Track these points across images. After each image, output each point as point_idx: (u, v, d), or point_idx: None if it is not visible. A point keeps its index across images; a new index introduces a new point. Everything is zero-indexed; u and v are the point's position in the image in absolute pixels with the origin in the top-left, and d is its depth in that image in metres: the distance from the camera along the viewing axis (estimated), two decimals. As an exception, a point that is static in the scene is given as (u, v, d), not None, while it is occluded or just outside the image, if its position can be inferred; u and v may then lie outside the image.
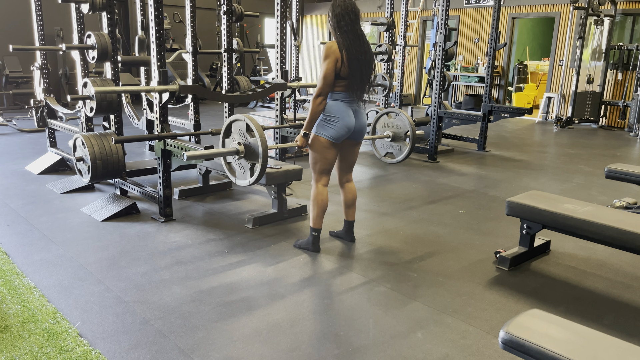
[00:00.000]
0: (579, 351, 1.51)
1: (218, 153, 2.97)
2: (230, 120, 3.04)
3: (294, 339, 2.40)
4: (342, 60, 3.02)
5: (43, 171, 5.22)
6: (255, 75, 12.11)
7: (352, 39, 3.05)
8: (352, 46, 3.04)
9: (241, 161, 3.03)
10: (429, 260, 3.35)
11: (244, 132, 2.97)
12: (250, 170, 3.01)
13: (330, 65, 3.01)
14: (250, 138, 2.93)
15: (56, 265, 3.13)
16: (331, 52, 3.01)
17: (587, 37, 9.25)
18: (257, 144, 2.88)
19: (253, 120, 2.91)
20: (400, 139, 3.72)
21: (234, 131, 3.04)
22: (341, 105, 3.12)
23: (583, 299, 2.91)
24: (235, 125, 3.02)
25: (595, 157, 6.81)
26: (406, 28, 7.35)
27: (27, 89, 9.49)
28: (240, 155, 3.01)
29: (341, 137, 3.17)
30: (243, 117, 2.95)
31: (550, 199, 3.27)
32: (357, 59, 3.06)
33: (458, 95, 11.75)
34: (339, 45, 3.03)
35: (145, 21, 5.72)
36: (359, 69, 3.08)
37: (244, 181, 3.06)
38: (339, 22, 3.05)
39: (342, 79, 3.07)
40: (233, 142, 3.03)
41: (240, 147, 2.99)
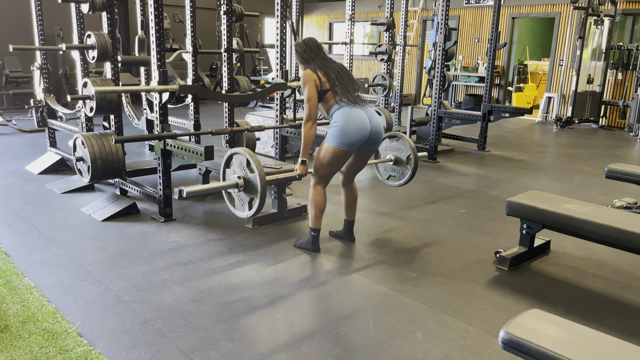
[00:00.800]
0: (579, 351, 1.51)
1: (218, 187, 3.02)
2: (232, 152, 3.08)
3: (293, 339, 2.40)
4: (319, 78, 3.15)
5: (43, 171, 5.22)
6: (255, 75, 12.11)
7: (321, 59, 3.23)
8: (322, 63, 3.22)
9: (240, 194, 3.06)
10: (429, 261, 3.35)
11: (244, 166, 3.00)
12: (248, 203, 3.05)
13: (310, 89, 3.14)
14: (250, 173, 2.96)
15: (56, 265, 3.13)
16: (307, 77, 3.16)
17: (587, 37, 9.25)
18: (256, 181, 2.92)
19: (253, 156, 2.95)
20: (402, 163, 3.79)
21: (234, 163, 3.08)
22: (345, 109, 3.14)
23: (583, 299, 2.91)
24: (236, 158, 3.06)
25: (595, 157, 6.81)
26: (406, 28, 7.35)
27: (27, 88, 9.49)
28: (239, 189, 3.03)
29: (355, 144, 3.15)
30: (244, 152, 2.98)
31: (550, 199, 3.28)
32: (332, 69, 3.21)
33: (458, 95, 11.75)
34: (311, 69, 3.18)
35: (145, 21, 5.72)
36: (338, 75, 3.20)
37: (242, 213, 3.11)
38: (303, 55, 3.25)
39: (329, 90, 3.16)
40: (233, 175, 3.07)
41: (240, 180, 3.03)
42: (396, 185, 3.93)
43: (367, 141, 3.20)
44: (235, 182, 3.02)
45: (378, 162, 3.93)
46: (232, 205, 3.17)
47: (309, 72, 3.16)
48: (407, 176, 3.83)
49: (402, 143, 3.83)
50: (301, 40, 3.31)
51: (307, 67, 3.23)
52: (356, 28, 13.89)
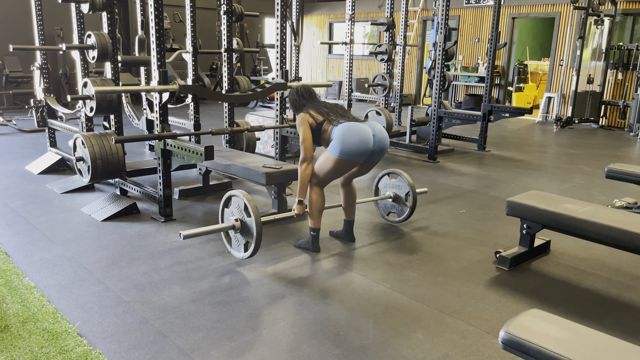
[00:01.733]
0: (579, 351, 1.51)
1: (216, 230, 3.09)
2: (230, 195, 3.14)
3: (294, 339, 2.40)
4: (312, 117, 3.24)
5: (43, 171, 5.22)
6: (255, 75, 12.11)
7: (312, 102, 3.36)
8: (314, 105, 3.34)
9: (237, 235, 3.12)
10: (429, 261, 3.35)
11: (242, 209, 3.04)
12: (244, 246, 3.11)
13: (305, 129, 3.23)
14: (247, 217, 3.01)
15: (56, 265, 3.13)
16: (301, 120, 3.28)
17: (587, 37, 9.25)
18: (252, 225, 2.98)
19: (251, 201, 3.00)
20: (401, 200, 3.85)
21: (232, 204, 3.13)
22: (345, 125, 3.17)
23: (583, 299, 2.91)
24: (235, 200, 3.12)
25: (595, 157, 6.81)
26: (406, 28, 7.35)
27: (27, 88, 9.49)
28: (236, 231, 3.09)
29: (359, 156, 3.17)
30: (242, 196, 3.02)
31: (550, 199, 3.28)
32: (323, 106, 3.32)
33: (458, 95, 11.75)
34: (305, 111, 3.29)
35: (145, 21, 5.72)
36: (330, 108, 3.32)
37: (238, 254, 3.19)
38: (297, 105, 3.38)
39: (323, 121, 3.24)
40: (231, 216, 3.14)
41: (237, 222, 3.09)
42: (396, 221, 4.00)
43: (370, 154, 3.22)
44: (233, 225, 3.10)
45: (377, 199, 4.00)
46: (229, 244, 3.25)
47: (302, 115, 3.28)
48: (406, 213, 3.92)
49: (400, 180, 3.90)
50: (293, 88, 3.45)
51: (299, 113, 3.34)
52: (356, 28, 13.89)
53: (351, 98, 6.42)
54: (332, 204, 3.70)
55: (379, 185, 4.07)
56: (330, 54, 14.04)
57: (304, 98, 3.38)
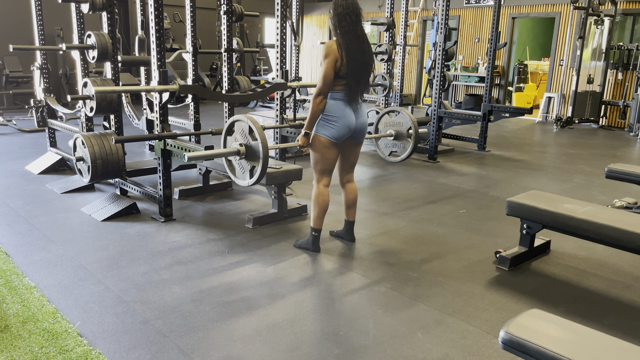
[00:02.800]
0: (579, 351, 1.51)
1: (219, 153, 2.97)
2: (233, 119, 3.03)
3: (294, 339, 2.40)
4: (341, 60, 3.04)
5: (43, 171, 5.22)
6: (255, 75, 12.11)
7: (352, 39, 3.08)
8: (351, 47, 3.07)
9: (242, 162, 3.03)
10: (429, 261, 3.35)
11: (246, 134, 2.97)
12: (250, 171, 3.02)
13: (329, 65, 3.03)
14: (252, 140, 2.93)
15: (56, 265, 3.13)
16: (331, 51, 3.04)
17: (587, 37, 9.24)
18: (259, 147, 2.88)
19: (255, 122, 2.90)
20: (403, 137, 3.76)
21: (236, 131, 3.05)
22: (340, 104, 3.13)
23: (583, 299, 2.91)
24: (238, 125, 3.02)
25: (595, 157, 6.81)
26: (406, 28, 7.35)
27: (27, 88, 9.49)
28: (241, 156, 3.00)
29: (342, 137, 3.17)
30: (245, 119, 2.95)
31: (550, 199, 3.27)
32: (355, 60, 3.08)
33: (458, 95, 11.75)
34: (338, 45, 3.05)
35: (145, 21, 5.72)
36: (357, 70, 3.10)
37: (243, 181, 3.06)
38: (340, 22, 3.07)
39: (341, 77, 3.09)
40: (235, 142, 3.02)
41: (241, 148, 2.99)
42: (398, 160, 3.88)
43: (352, 134, 3.22)
44: (237, 150, 2.98)
45: (378, 136, 3.88)
46: (232, 173, 3.12)
47: (334, 47, 3.02)
48: (409, 149, 3.77)
49: (401, 117, 3.79)
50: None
51: (337, 36, 3.08)
52: (356, 28, 13.85)
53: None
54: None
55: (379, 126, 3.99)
56: (330, 54, 14.01)
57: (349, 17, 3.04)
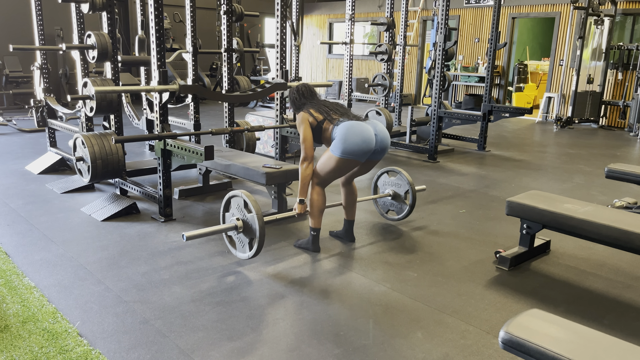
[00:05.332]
0: (579, 351, 1.51)
1: (218, 230, 3.06)
2: (229, 195, 3.13)
3: (294, 339, 2.40)
4: (312, 116, 3.24)
5: (43, 171, 5.22)
6: (255, 75, 12.10)
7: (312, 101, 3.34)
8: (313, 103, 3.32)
9: (240, 236, 3.10)
10: (429, 260, 3.35)
11: (242, 208, 3.03)
12: (249, 244, 3.09)
13: (305, 129, 3.23)
14: (248, 214, 2.99)
15: (56, 265, 3.13)
16: (301, 119, 3.28)
17: (587, 37, 9.24)
18: (254, 221, 2.96)
19: (250, 197, 2.99)
20: (400, 198, 3.85)
21: (232, 206, 3.13)
22: (344, 123, 3.17)
23: (583, 299, 2.91)
24: (234, 200, 3.12)
25: (595, 157, 6.81)
26: (406, 28, 7.35)
27: (27, 88, 9.49)
28: (239, 231, 3.07)
29: (361, 154, 3.16)
30: (241, 194, 3.02)
31: (550, 199, 3.27)
32: (324, 105, 3.31)
33: (458, 95, 11.75)
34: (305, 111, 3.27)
35: (145, 21, 5.72)
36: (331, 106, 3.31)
37: (243, 255, 3.15)
38: (297, 104, 3.36)
39: (324, 120, 3.23)
40: (232, 217, 3.12)
41: (238, 222, 3.07)
42: (395, 219, 4.00)
43: (372, 153, 3.23)
44: (235, 225, 3.08)
45: (377, 197, 4.00)
46: (233, 247, 3.23)
47: (302, 114, 3.29)
48: (405, 211, 3.92)
49: (400, 178, 3.90)
50: (294, 87, 3.43)
51: (299, 112, 3.33)
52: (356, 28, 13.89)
53: (351, 98, 6.42)
54: (332, 203, 3.70)
55: (377, 183, 4.07)
56: (330, 54, 14.04)
57: (304, 97, 3.36)
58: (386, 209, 4.07)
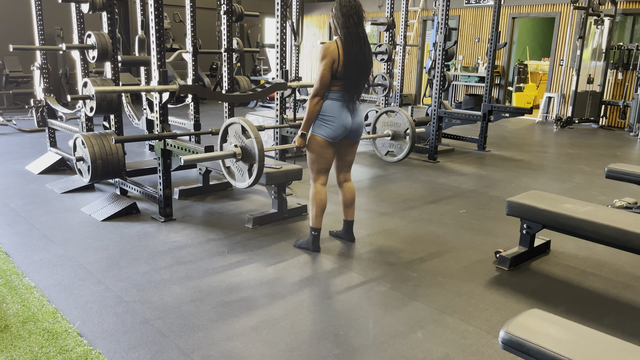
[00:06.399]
0: (579, 351, 1.51)
1: (215, 156, 2.97)
2: (227, 123, 3.05)
3: (294, 339, 2.40)
4: (338, 62, 3.03)
5: (43, 171, 5.22)
6: (255, 75, 12.10)
7: (353, 41, 3.06)
8: (351, 49, 3.05)
9: (239, 164, 3.03)
10: (429, 260, 3.35)
11: (240, 135, 2.98)
12: (248, 171, 3.02)
13: (326, 67, 3.03)
14: (246, 139, 2.94)
15: (56, 265, 3.13)
16: (328, 52, 3.03)
17: (587, 37, 9.24)
18: (253, 145, 2.89)
19: (248, 121, 2.91)
20: (400, 137, 3.75)
21: (230, 134, 3.05)
22: (337, 104, 3.12)
23: (583, 299, 2.91)
24: (231, 128, 3.03)
25: (595, 157, 6.81)
26: (406, 28, 7.35)
27: (27, 88, 9.49)
28: (237, 158, 3.00)
29: (338, 136, 3.17)
30: (238, 120, 2.96)
31: (550, 198, 3.27)
32: (354, 62, 3.07)
33: (458, 95, 11.75)
34: (337, 46, 3.05)
35: (145, 21, 5.72)
36: (355, 71, 3.09)
37: (243, 183, 3.06)
38: (345, 22, 3.05)
39: (339, 79, 3.08)
40: (230, 146, 3.03)
41: (237, 149, 2.99)
42: (394, 160, 3.87)
43: (348, 133, 3.21)
44: (233, 152, 2.98)
45: (375, 137, 3.88)
46: (232, 178, 3.13)
47: (333, 48, 3.02)
48: (405, 150, 3.78)
49: (399, 117, 3.78)
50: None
51: (338, 35, 3.09)
52: (356, 28, 13.84)
53: (351, 98, 6.40)
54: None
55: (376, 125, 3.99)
56: (330, 54, 14.01)
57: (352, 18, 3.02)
58: (385, 150, 3.98)
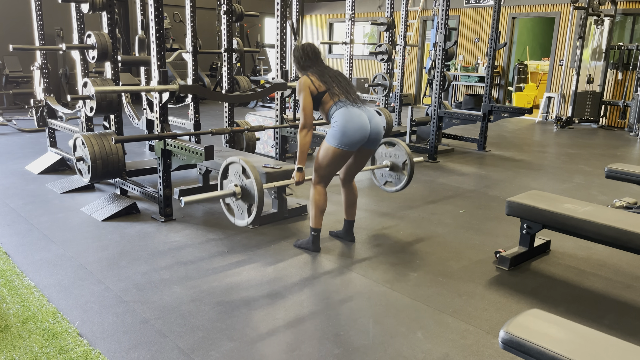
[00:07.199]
0: (579, 351, 1.51)
1: (216, 196, 3.04)
2: (227, 162, 3.10)
3: (294, 339, 2.40)
4: (314, 84, 3.16)
5: (43, 171, 5.22)
6: (255, 75, 12.10)
7: (317, 67, 3.24)
8: (323, 70, 3.23)
9: (239, 202, 3.07)
10: (429, 260, 3.35)
11: (240, 174, 3.01)
12: (247, 210, 3.07)
13: (306, 96, 3.15)
14: (246, 180, 2.97)
15: (56, 265, 3.13)
16: (303, 84, 3.17)
17: (587, 37, 9.24)
18: (253, 186, 2.93)
19: (248, 162, 2.96)
20: (398, 169, 3.82)
21: (230, 172, 3.10)
22: (345, 110, 3.13)
23: (583, 299, 2.91)
24: (232, 167, 3.08)
25: (595, 157, 6.81)
26: (406, 28, 7.35)
27: (27, 88, 9.49)
28: (237, 197, 3.04)
29: (355, 144, 3.15)
30: (238, 160, 2.99)
31: (550, 198, 3.27)
32: (330, 75, 3.22)
33: (458, 95, 11.75)
34: (308, 76, 3.19)
35: (145, 21, 5.72)
36: (334, 77, 3.22)
37: (242, 221, 3.12)
38: (302, 64, 3.27)
39: (325, 92, 3.17)
40: (230, 184, 3.08)
41: (237, 188, 3.03)
42: (393, 190, 3.97)
43: (367, 141, 3.20)
44: (233, 191, 3.04)
45: (374, 168, 3.97)
46: (231, 215, 3.20)
47: (303, 79, 3.19)
48: (403, 182, 3.89)
49: (398, 149, 3.88)
50: (300, 45, 3.32)
51: (303, 73, 3.26)
52: (356, 28, 13.88)
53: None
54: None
55: (375, 155, 4.04)
56: (330, 53, 14.04)
57: (309, 58, 3.25)
58: (384, 180, 4.03)
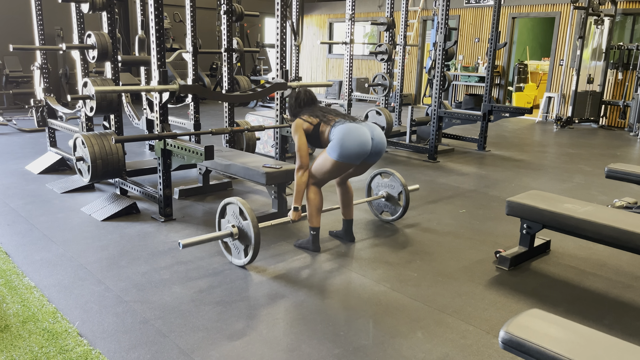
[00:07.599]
0: (579, 351, 1.51)
1: (214, 237, 3.09)
2: (225, 202, 3.15)
3: (294, 339, 2.40)
4: (306, 122, 3.22)
5: (43, 171, 5.22)
6: (255, 75, 12.10)
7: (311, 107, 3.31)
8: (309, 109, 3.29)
9: (236, 242, 3.12)
10: (429, 260, 3.35)
11: (237, 215, 3.04)
12: (244, 251, 3.12)
13: (300, 136, 3.22)
14: (243, 221, 3.01)
15: (56, 264, 3.13)
16: (296, 126, 3.25)
17: (587, 37, 9.24)
18: (249, 228, 2.99)
19: (244, 203, 3.01)
20: (394, 199, 3.88)
21: (228, 212, 3.14)
22: (341, 126, 3.16)
23: (583, 299, 2.91)
24: (229, 207, 3.13)
25: (595, 157, 6.81)
26: (406, 28, 7.35)
27: (27, 88, 9.49)
28: (234, 237, 3.09)
29: (356, 158, 3.15)
30: (236, 201, 3.03)
31: (550, 198, 3.27)
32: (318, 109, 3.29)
33: (458, 95, 11.75)
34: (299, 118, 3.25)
35: (145, 21, 5.72)
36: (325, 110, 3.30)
37: (239, 261, 3.17)
38: (294, 110, 3.35)
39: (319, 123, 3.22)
40: (228, 224, 3.14)
41: (234, 229, 3.09)
42: (389, 220, 4.01)
43: (369, 155, 3.22)
44: (230, 232, 3.09)
45: (371, 199, 4.02)
46: (228, 253, 3.24)
47: (296, 121, 3.27)
48: (399, 212, 3.95)
49: (393, 180, 3.94)
50: (294, 92, 3.39)
51: (294, 119, 3.32)
52: (356, 28, 13.89)
53: (351, 98, 6.42)
54: (332, 206, 3.70)
55: (371, 185, 4.08)
56: (330, 53, 14.04)
57: (301, 106, 3.34)
58: (380, 210, 4.09)
